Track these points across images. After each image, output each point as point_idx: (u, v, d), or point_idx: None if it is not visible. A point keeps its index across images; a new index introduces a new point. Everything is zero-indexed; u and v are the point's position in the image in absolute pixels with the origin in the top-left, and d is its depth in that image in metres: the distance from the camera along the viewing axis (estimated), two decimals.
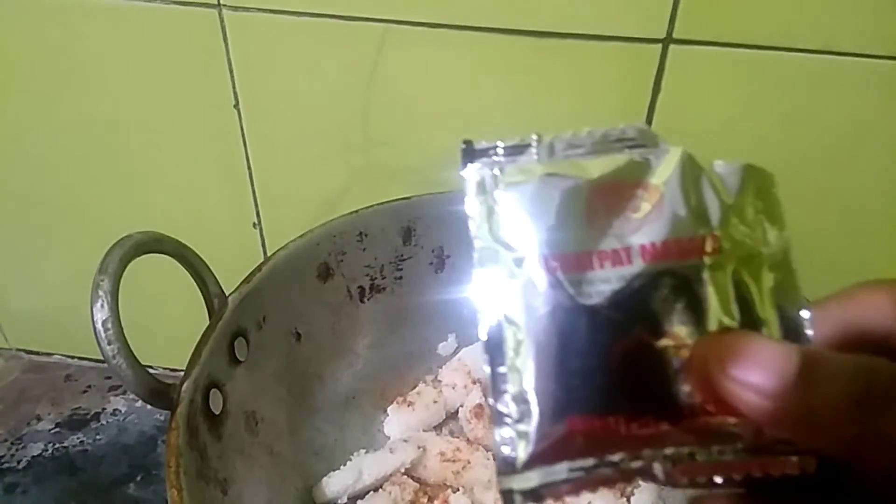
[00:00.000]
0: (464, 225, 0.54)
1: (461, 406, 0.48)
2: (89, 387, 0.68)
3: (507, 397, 0.19)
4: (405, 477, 0.44)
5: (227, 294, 0.40)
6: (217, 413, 0.37)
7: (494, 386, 0.19)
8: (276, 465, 0.41)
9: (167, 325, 0.48)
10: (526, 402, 0.18)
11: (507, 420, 0.18)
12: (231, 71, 0.50)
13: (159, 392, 0.34)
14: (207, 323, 0.39)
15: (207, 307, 0.40)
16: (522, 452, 0.18)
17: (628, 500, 0.45)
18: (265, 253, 0.60)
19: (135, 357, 0.33)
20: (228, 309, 0.39)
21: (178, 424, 0.33)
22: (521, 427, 0.18)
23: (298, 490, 0.42)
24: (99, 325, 0.33)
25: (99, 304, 0.33)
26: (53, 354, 0.71)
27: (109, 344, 0.32)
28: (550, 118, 0.49)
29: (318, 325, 0.46)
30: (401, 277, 0.50)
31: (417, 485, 0.45)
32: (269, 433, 0.41)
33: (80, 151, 0.57)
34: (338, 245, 0.46)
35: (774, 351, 0.16)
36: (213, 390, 0.37)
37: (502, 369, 0.19)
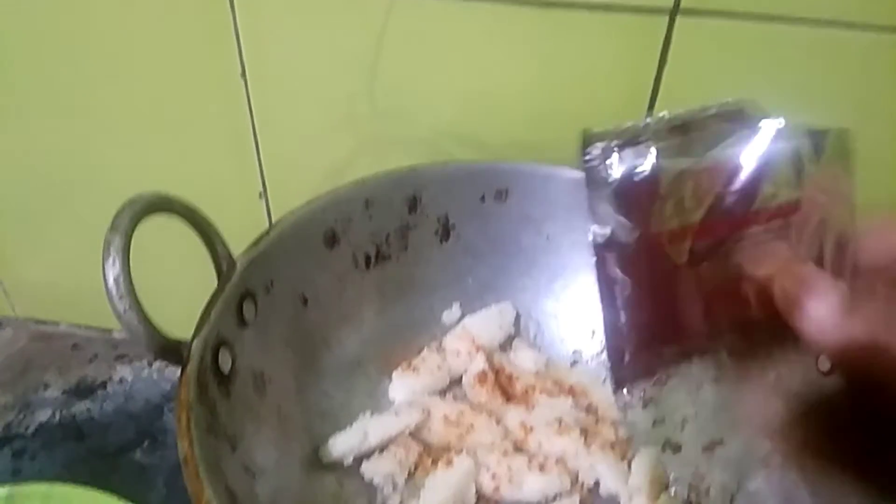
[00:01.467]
0: (469, 196, 0.54)
1: (465, 372, 0.49)
2: (96, 355, 0.69)
3: None
4: (410, 439, 0.45)
5: (234, 257, 0.41)
6: (226, 372, 0.37)
7: None
8: (283, 426, 0.41)
9: (172, 291, 0.49)
10: None
11: None
12: (238, 39, 0.51)
13: (170, 349, 0.35)
14: (213, 289, 0.39)
15: (216, 269, 0.40)
16: None
17: (629, 464, 0.46)
18: (270, 223, 0.60)
19: (146, 314, 0.34)
20: (237, 271, 0.40)
21: (189, 380, 0.34)
22: None
23: (305, 450, 0.43)
24: (111, 282, 0.33)
25: (110, 262, 0.33)
26: (60, 324, 0.72)
27: (121, 300, 0.33)
28: (556, 89, 0.49)
29: (325, 291, 0.46)
30: (406, 246, 0.50)
31: (422, 447, 0.45)
32: (277, 394, 0.41)
33: (85, 120, 0.58)
34: (344, 213, 0.47)
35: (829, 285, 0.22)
36: (222, 349, 0.37)
37: None
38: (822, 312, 0.21)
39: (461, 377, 0.50)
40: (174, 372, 0.67)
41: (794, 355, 0.28)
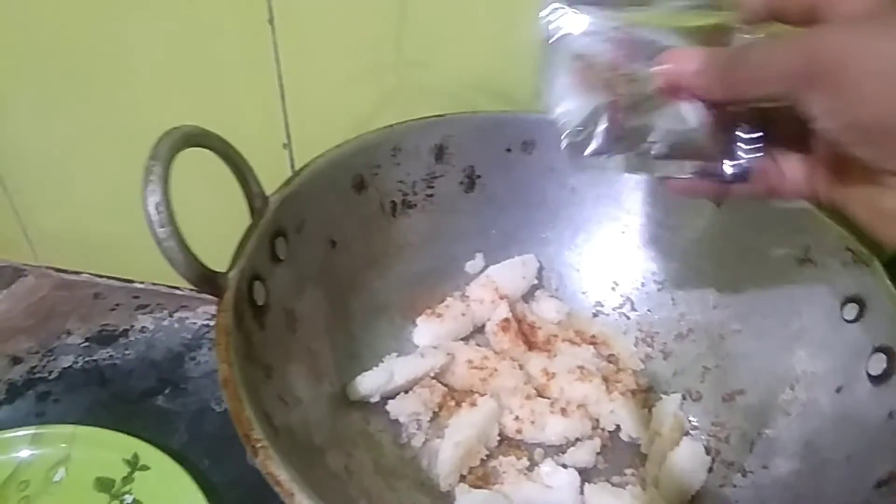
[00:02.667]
0: (495, 147, 0.54)
1: (488, 320, 0.50)
2: (117, 305, 0.70)
3: None
4: (434, 381, 0.46)
5: (267, 195, 0.41)
6: (260, 304, 0.38)
7: None
8: (313, 363, 0.42)
9: (202, 228, 0.49)
10: None
11: None
12: None
13: (207, 278, 0.35)
14: (240, 228, 0.39)
15: (249, 206, 0.41)
16: None
17: (650, 411, 0.46)
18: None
19: (185, 241, 0.34)
20: (270, 208, 0.40)
21: (227, 307, 0.34)
22: None
23: (334, 387, 0.43)
24: (151, 209, 0.33)
25: (151, 188, 0.33)
26: (82, 273, 0.72)
27: (162, 227, 0.33)
28: None
29: (352, 236, 0.47)
30: (432, 195, 0.51)
31: (446, 389, 0.46)
32: (307, 332, 0.42)
33: (108, 68, 0.58)
34: (372, 158, 0.47)
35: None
36: (256, 283, 0.38)
37: None
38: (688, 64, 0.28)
39: (484, 325, 0.50)
40: (195, 322, 0.68)
41: None
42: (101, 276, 0.72)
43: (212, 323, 0.68)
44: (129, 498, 0.52)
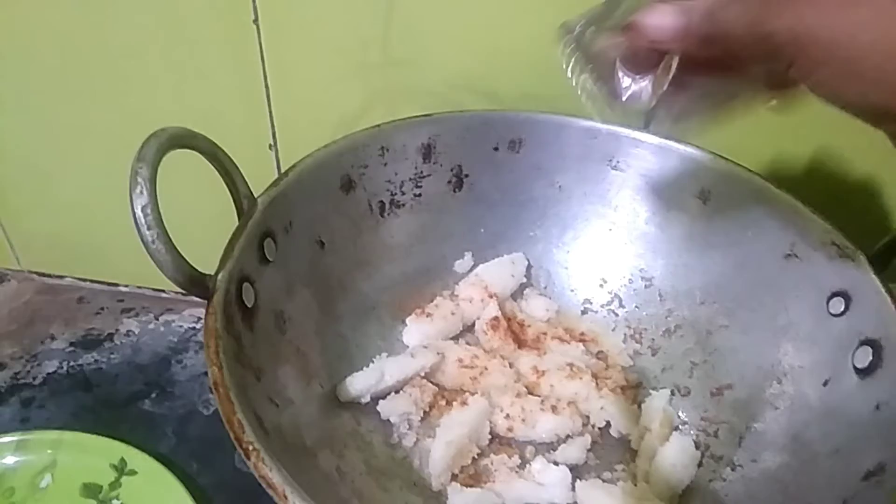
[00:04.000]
0: (482, 146, 0.54)
1: (478, 319, 0.50)
2: (102, 309, 0.69)
3: None
4: (425, 381, 0.46)
5: (255, 196, 0.41)
6: (249, 306, 0.38)
7: None
8: (302, 363, 0.42)
9: (188, 230, 0.49)
10: None
11: None
12: None
13: (196, 279, 0.35)
14: (226, 229, 0.39)
15: (237, 207, 0.40)
16: None
17: (639, 407, 0.47)
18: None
19: (173, 243, 0.34)
20: (258, 209, 0.40)
21: (216, 310, 0.34)
22: None
23: (325, 388, 0.43)
24: (138, 211, 0.33)
25: (138, 190, 0.33)
26: (65, 277, 0.72)
27: (149, 229, 0.33)
28: None
29: (341, 236, 0.47)
30: (420, 195, 0.51)
31: (436, 388, 0.46)
32: (296, 333, 0.42)
33: (92, 70, 0.57)
34: (360, 158, 0.47)
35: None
36: (245, 284, 0.38)
37: None
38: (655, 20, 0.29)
39: (474, 324, 0.50)
40: (180, 325, 0.68)
41: None
42: (85, 280, 0.72)
43: (198, 326, 0.68)
44: (116, 503, 0.52)
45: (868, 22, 0.22)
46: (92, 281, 0.71)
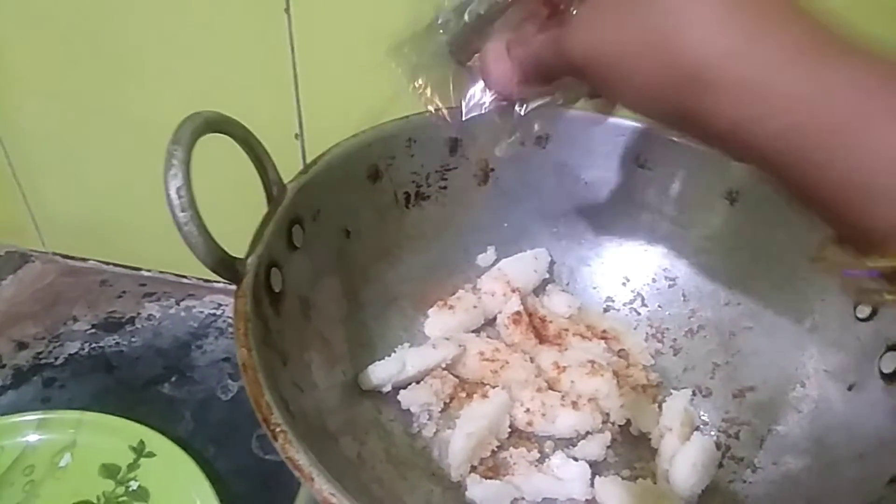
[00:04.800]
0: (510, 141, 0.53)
1: (499, 313, 0.50)
2: (124, 292, 0.70)
3: None
4: (446, 372, 0.46)
5: (285, 183, 0.41)
6: (277, 291, 0.38)
7: None
8: (326, 351, 0.42)
9: (216, 215, 0.50)
10: None
11: None
12: None
13: (226, 263, 0.35)
14: (254, 215, 0.39)
15: (266, 193, 0.41)
16: None
17: (660, 407, 0.46)
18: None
19: (205, 226, 0.34)
20: (288, 195, 0.40)
21: (246, 293, 0.34)
22: None
23: (347, 376, 0.43)
24: (172, 193, 0.33)
25: (172, 172, 0.33)
26: (89, 260, 0.72)
27: (183, 211, 0.33)
28: None
29: (366, 226, 0.47)
30: (445, 187, 0.51)
31: (457, 380, 0.46)
32: (321, 320, 0.42)
33: (123, 51, 0.58)
34: (388, 149, 0.47)
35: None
36: (273, 270, 0.38)
37: None
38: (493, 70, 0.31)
39: (495, 318, 0.50)
40: (201, 311, 0.68)
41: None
42: (108, 264, 0.72)
43: (218, 312, 0.68)
44: (134, 484, 0.52)
45: (631, 40, 0.24)
46: (115, 264, 0.72)
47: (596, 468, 0.43)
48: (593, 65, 0.25)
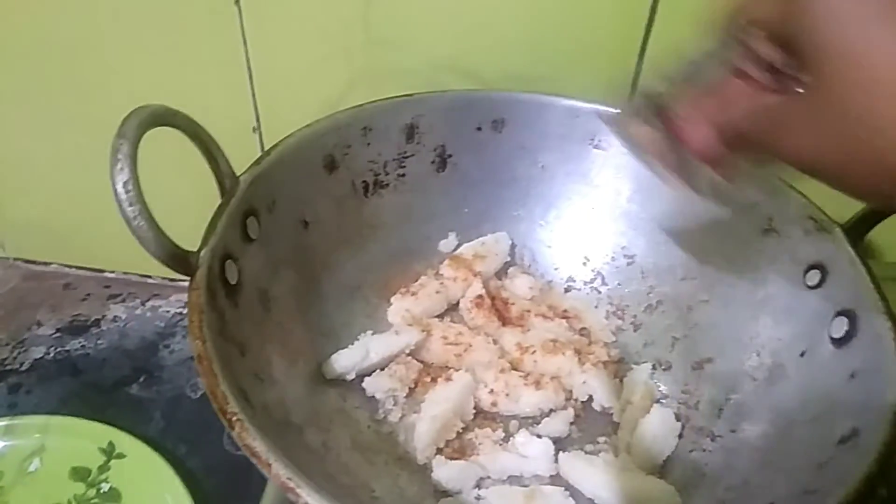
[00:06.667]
0: (465, 126, 0.54)
1: (462, 297, 0.50)
2: (88, 295, 0.69)
3: None
4: (409, 357, 0.46)
5: (237, 175, 0.41)
6: (233, 283, 0.38)
7: None
8: (287, 342, 0.42)
9: (169, 209, 0.50)
10: None
11: None
12: None
13: (178, 257, 0.35)
14: (207, 208, 0.39)
15: (219, 186, 0.40)
16: None
17: (621, 381, 0.47)
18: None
19: (155, 220, 0.34)
20: (241, 188, 0.40)
21: (199, 285, 0.34)
22: None
23: (310, 366, 0.44)
24: (119, 188, 0.33)
25: (118, 167, 0.33)
26: (51, 264, 0.71)
27: (131, 206, 0.33)
28: (551, 22, 0.50)
29: (324, 216, 0.47)
30: (403, 175, 0.51)
31: (421, 365, 0.47)
32: (280, 311, 0.42)
33: (74, 52, 0.57)
34: (343, 138, 0.47)
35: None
36: (228, 262, 0.38)
37: None
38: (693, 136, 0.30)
39: (458, 302, 0.51)
40: (168, 310, 0.68)
41: None
42: (70, 267, 0.71)
43: (185, 311, 0.68)
44: (105, 486, 0.52)
45: (849, 152, 0.23)
46: (78, 267, 0.71)
47: (560, 444, 0.44)
48: (805, 165, 0.25)
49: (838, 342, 0.39)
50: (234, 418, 0.30)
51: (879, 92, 0.21)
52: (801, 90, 0.25)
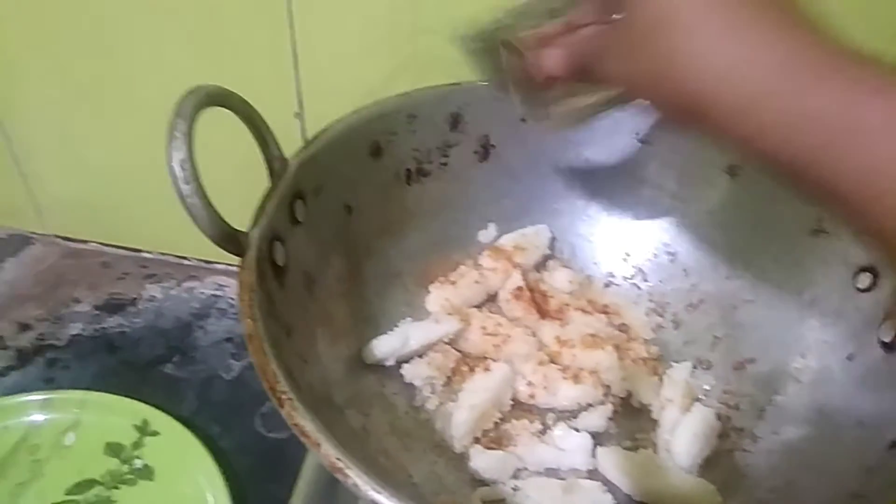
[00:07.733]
0: (510, 116, 0.54)
1: (501, 288, 0.50)
2: (126, 274, 0.70)
3: None
4: (448, 346, 0.46)
5: (287, 158, 0.41)
6: (280, 265, 0.38)
7: None
8: (330, 325, 0.42)
9: (216, 194, 0.50)
10: None
11: None
12: None
13: (229, 236, 0.35)
14: (252, 191, 0.39)
15: (268, 168, 0.41)
16: None
17: (660, 379, 0.47)
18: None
19: (208, 198, 0.34)
20: (290, 171, 0.40)
21: (250, 265, 0.35)
22: None
23: (351, 350, 0.44)
24: (175, 165, 0.33)
25: (175, 145, 0.33)
26: (89, 242, 0.72)
27: (186, 184, 0.33)
28: None
29: (368, 202, 0.47)
30: (446, 163, 0.51)
31: (459, 354, 0.47)
32: (324, 294, 0.42)
33: (119, 33, 0.57)
34: (388, 125, 0.47)
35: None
36: (276, 243, 0.38)
37: None
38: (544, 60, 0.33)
39: (497, 293, 0.51)
40: (203, 291, 0.68)
41: None
42: (108, 245, 0.72)
43: (220, 293, 0.68)
44: (139, 462, 0.53)
45: (648, 71, 0.26)
46: (116, 246, 0.72)
47: (598, 439, 0.44)
48: (624, 87, 0.29)
49: (888, 346, 0.38)
50: (285, 397, 0.30)
51: (678, 27, 0.24)
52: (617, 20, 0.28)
